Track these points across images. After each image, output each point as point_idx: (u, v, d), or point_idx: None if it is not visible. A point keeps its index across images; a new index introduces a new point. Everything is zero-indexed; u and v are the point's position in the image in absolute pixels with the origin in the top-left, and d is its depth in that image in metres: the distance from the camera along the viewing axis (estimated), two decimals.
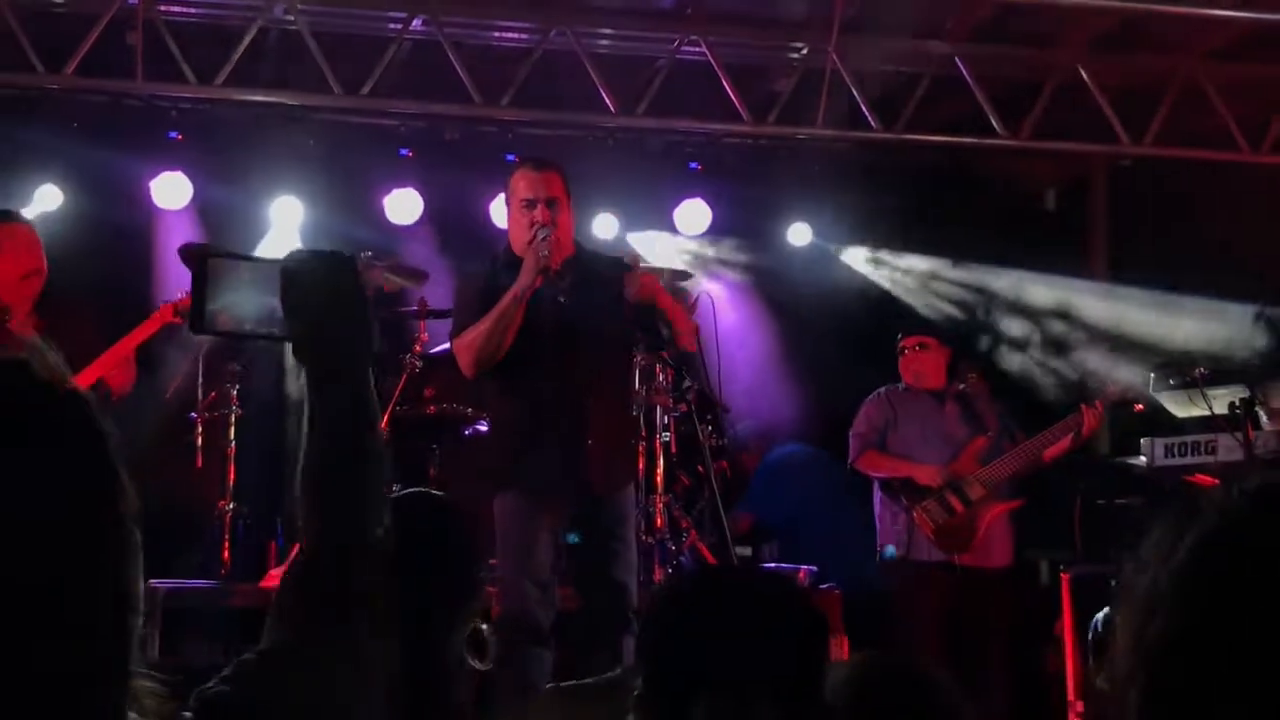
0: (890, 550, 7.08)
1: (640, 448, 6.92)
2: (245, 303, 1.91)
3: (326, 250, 1.86)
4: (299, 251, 1.86)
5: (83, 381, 6.42)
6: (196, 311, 1.91)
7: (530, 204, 5.67)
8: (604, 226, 9.35)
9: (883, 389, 7.54)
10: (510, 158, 9.19)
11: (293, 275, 1.80)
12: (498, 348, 5.56)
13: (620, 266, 6.04)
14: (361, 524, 1.70)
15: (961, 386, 7.38)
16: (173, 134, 8.78)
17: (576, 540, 5.91)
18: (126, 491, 1.38)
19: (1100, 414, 7.02)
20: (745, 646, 2.23)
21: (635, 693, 2.28)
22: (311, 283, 1.79)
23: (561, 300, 5.65)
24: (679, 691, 2.21)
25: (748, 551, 8.64)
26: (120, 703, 1.36)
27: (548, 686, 3.91)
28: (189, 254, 7.95)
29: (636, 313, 5.80)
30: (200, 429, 7.71)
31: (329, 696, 1.65)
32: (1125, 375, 7.11)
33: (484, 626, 3.16)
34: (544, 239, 5.54)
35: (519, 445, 5.68)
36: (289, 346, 1.83)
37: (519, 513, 5.63)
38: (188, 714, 1.54)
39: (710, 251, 9.80)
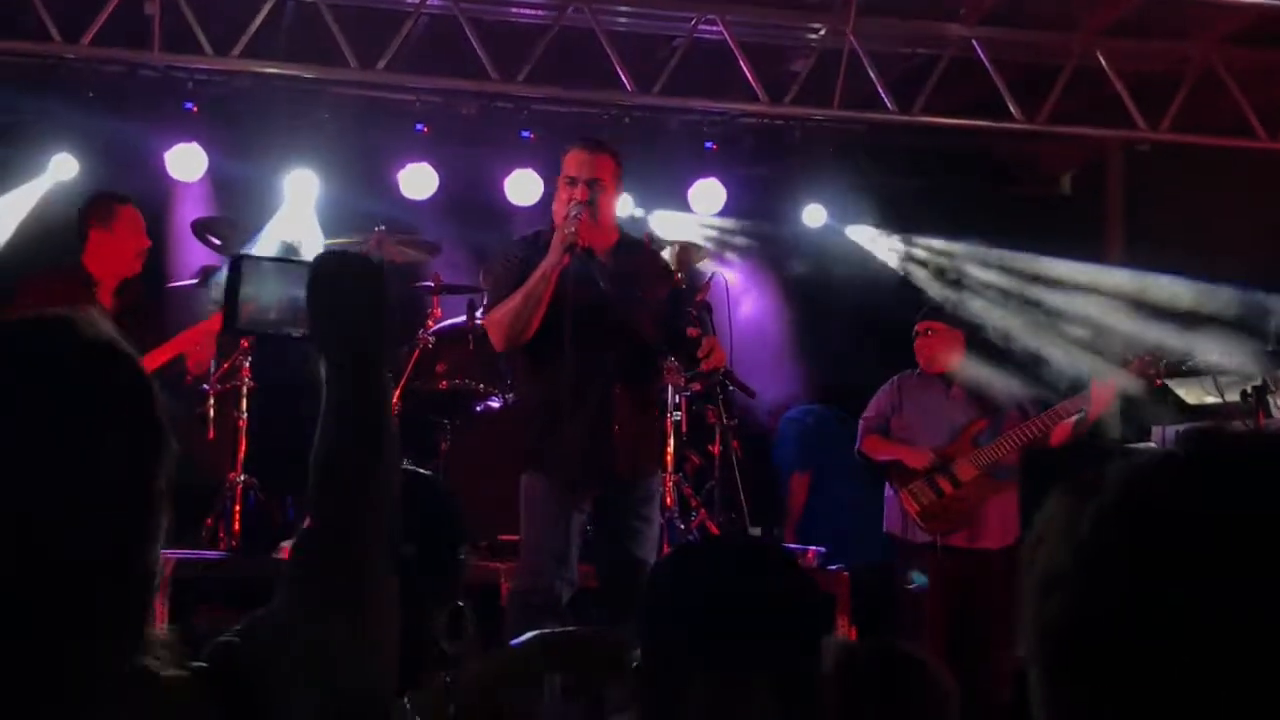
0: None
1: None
2: (275, 302, 2.01)
3: (352, 254, 1.94)
4: (326, 253, 1.95)
5: (161, 357, 6.65)
6: (230, 310, 2.02)
7: (573, 181, 5.68)
8: (619, 205, 9.32)
9: (896, 376, 7.55)
10: (525, 134, 9.22)
11: (318, 276, 1.88)
12: (526, 325, 5.55)
13: (661, 264, 6.12)
14: (370, 506, 1.77)
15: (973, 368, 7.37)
16: (188, 105, 8.79)
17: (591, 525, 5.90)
18: (168, 458, 1.49)
19: (1112, 392, 6.96)
20: (744, 619, 2.23)
21: (634, 664, 2.29)
22: (335, 284, 1.87)
23: (602, 286, 5.64)
24: (678, 663, 2.22)
25: (757, 532, 8.64)
26: (135, 649, 1.45)
27: (534, 633, 3.92)
28: (200, 226, 8.00)
29: (670, 313, 5.80)
30: (212, 400, 7.73)
31: (335, 655, 1.70)
32: (1143, 351, 7.05)
33: (461, 604, 3.17)
34: (575, 216, 5.54)
35: (546, 426, 5.68)
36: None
37: (543, 492, 5.64)
38: (200, 663, 1.58)
39: (725, 231, 9.79)
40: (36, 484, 1.39)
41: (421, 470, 3.82)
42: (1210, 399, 6.26)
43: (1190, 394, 6.40)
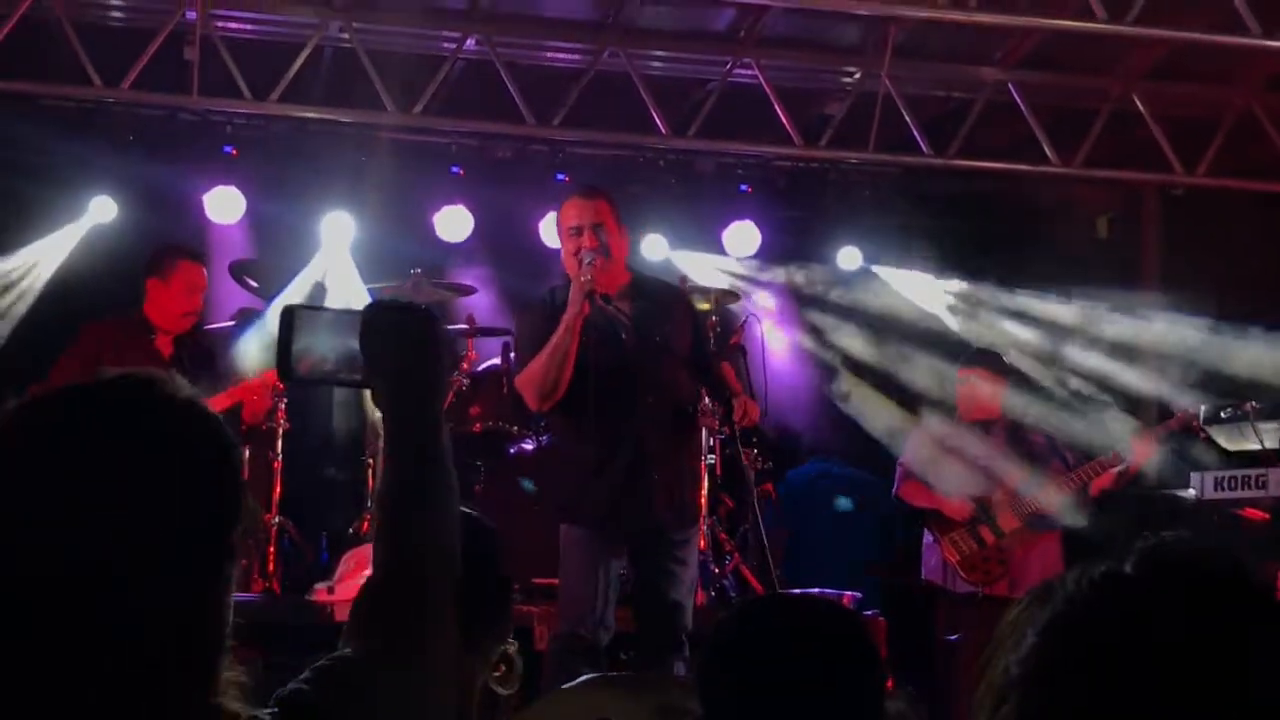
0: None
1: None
2: (328, 350, 2.03)
3: (405, 301, 1.98)
4: (378, 302, 1.98)
5: (217, 406, 6.68)
6: (283, 359, 2.04)
7: (576, 231, 5.65)
8: (653, 247, 9.35)
9: (930, 418, 7.51)
10: (560, 177, 9.24)
11: (371, 325, 1.92)
12: (557, 380, 5.52)
13: (675, 292, 6.09)
14: (431, 549, 1.82)
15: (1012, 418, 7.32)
16: (227, 148, 8.85)
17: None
18: (245, 513, 1.57)
19: (1153, 445, 6.93)
20: (808, 677, 2.23)
21: (696, 717, 2.28)
22: (389, 332, 1.91)
23: (624, 337, 5.62)
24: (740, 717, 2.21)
25: (784, 576, 8.59)
26: (212, 690, 1.52)
27: (590, 676, 3.91)
28: (238, 268, 8.05)
29: (696, 351, 5.78)
30: (247, 442, 7.76)
31: (404, 704, 1.75)
32: (1184, 403, 7.01)
33: (512, 645, 3.15)
34: (589, 263, 5.53)
35: (582, 479, 5.67)
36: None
37: (582, 538, 5.63)
38: (267, 713, 1.62)
39: (759, 274, 9.78)
40: (122, 536, 1.46)
41: (471, 511, 3.81)
42: (1250, 445, 6.20)
43: (1230, 440, 6.35)
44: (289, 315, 2.03)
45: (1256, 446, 6.15)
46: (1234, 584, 1.16)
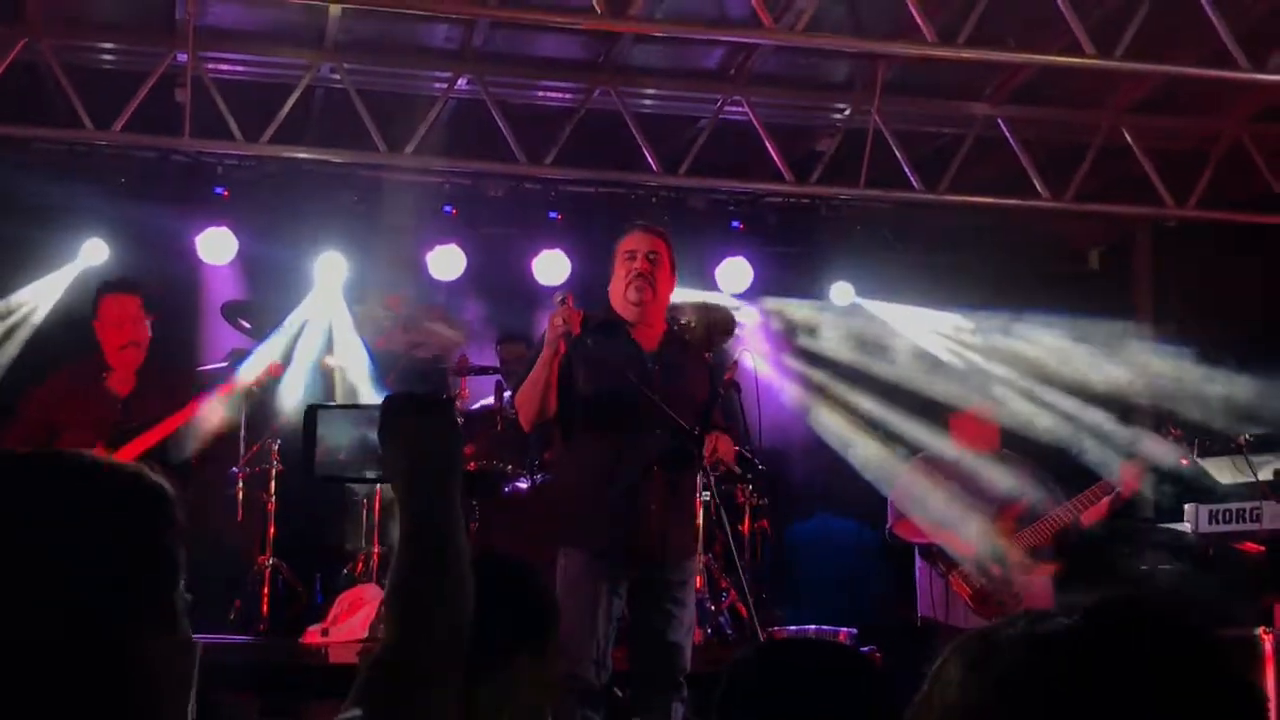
0: None
1: None
2: (347, 445, 2.12)
3: (420, 396, 2.01)
4: (394, 396, 2.02)
5: (145, 444, 6.61)
6: (308, 458, 2.13)
7: (632, 255, 5.75)
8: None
9: (922, 454, 7.50)
10: (553, 215, 9.27)
11: (388, 416, 1.97)
12: (541, 409, 5.60)
13: (702, 355, 6.19)
14: (441, 634, 1.85)
15: (1005, 452, 7.32)
16: (219, 190, 8.86)
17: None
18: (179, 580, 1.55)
19: (1141, 473, 6.92)
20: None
21: None
22: (404, 423, 1.95)
23: (649, 368, 5.67)
24: None
25: (781, 614, 8.56)
26: None
27: None
28: (230, 309, 8.05)
29: (706, 409, 5.83)
30: (241, 483, 7.75)
31: None
32: (1162, 442, 7.01)
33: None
34: (561, 301, 5.61)
35: (582, 509, 5.68)
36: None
37: (580, 573, 5.61)
38: None
39: (752, 310, 9.78)
40: (52, 607, 1.44)
41: (507, 555, 3.80)
42: (1243, 478, 6.21)
43: (1223, 473, 6.35)
44: (313, 414, 2.13)
45: (1250, 479, 6.15)
46: (1179, 641, 1.15)
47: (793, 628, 7.98)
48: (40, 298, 8.71)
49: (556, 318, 5.57)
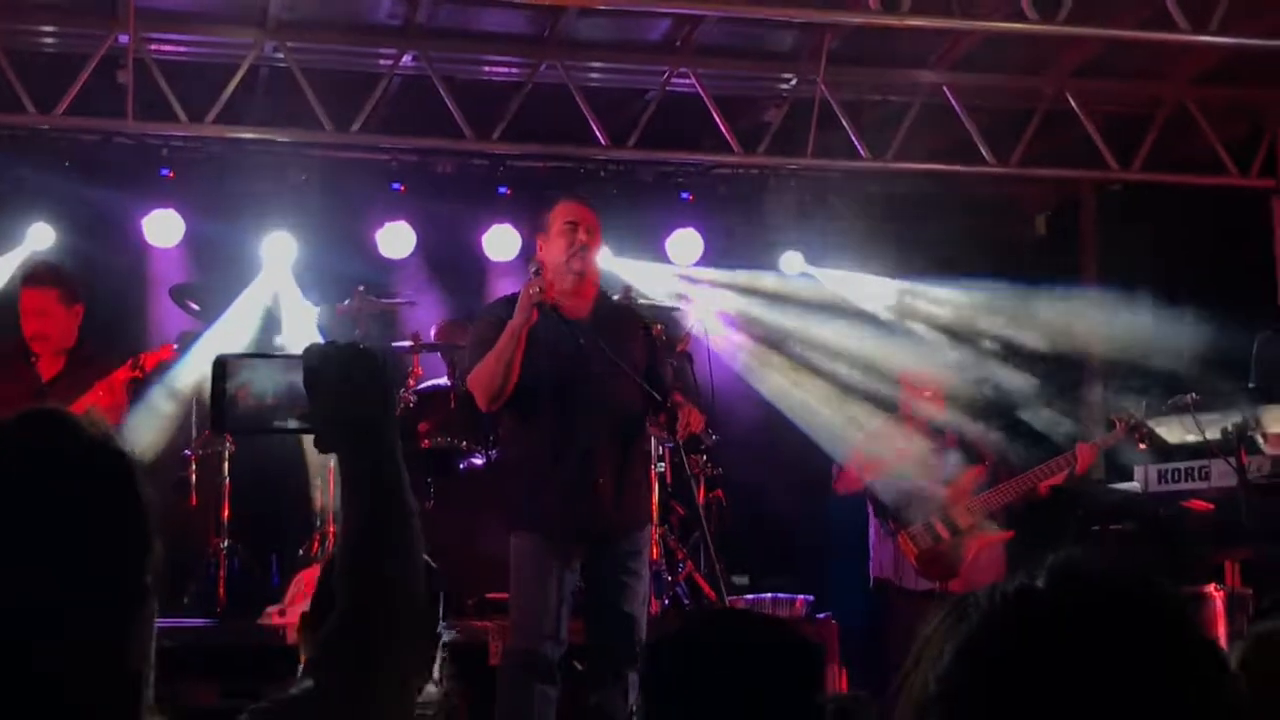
0: None
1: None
2: (266, 394, 1.97)
3: (347, 344, 1.94)
4: (318, 345, 1.94)
5: (77, 408, 6.59)
6: (216, 407, 1.96)
7: (574, 226, 5.75)
8: (597, 257, 9.34)
9: (880, 422, 7.55)
10: (502, 190, 9.25)
11: (314, 369, 1.88)
12: (504, 384, 5.57)
13: (637, 317, 6.18)
14: (396, 591, 1.80)
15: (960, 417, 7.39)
16: (164, 171, 8.80)
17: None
18: (154, 556, 1.52)
19: (1096, 453, 7.00)
20: (743, 689, 2.24)
21: None
22: (331, 375, 1.88)
23: (582, 342, 5.67)
24: None
25: (745, 579, 8.62)
26: None
27: None
28: (178, 292, 8.01)
29: (650, 373, 5.84)
30: (194, 465, 7.72)
31: None
32: (1127, 407, 7.09)
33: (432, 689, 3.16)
34: (536, 273, 5.62)
35: (533, 484, 5.68)
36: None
37: (533, 551, 5.63)
38: None
39: (703, 281, 9.80)
40: (27, 582, 1.42)
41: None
42: (1191, 437, 6.27)
43: (1171, 433, 6.42)
44: (220, 365, 1.96)
45: (1198, 438, 6.21)
46: (1145, 602, 1.18)
47: (750, 596, 8.05)
48: None
49: (532, 286, 5.57)
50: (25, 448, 1.49)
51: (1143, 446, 6.76)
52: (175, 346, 7.27)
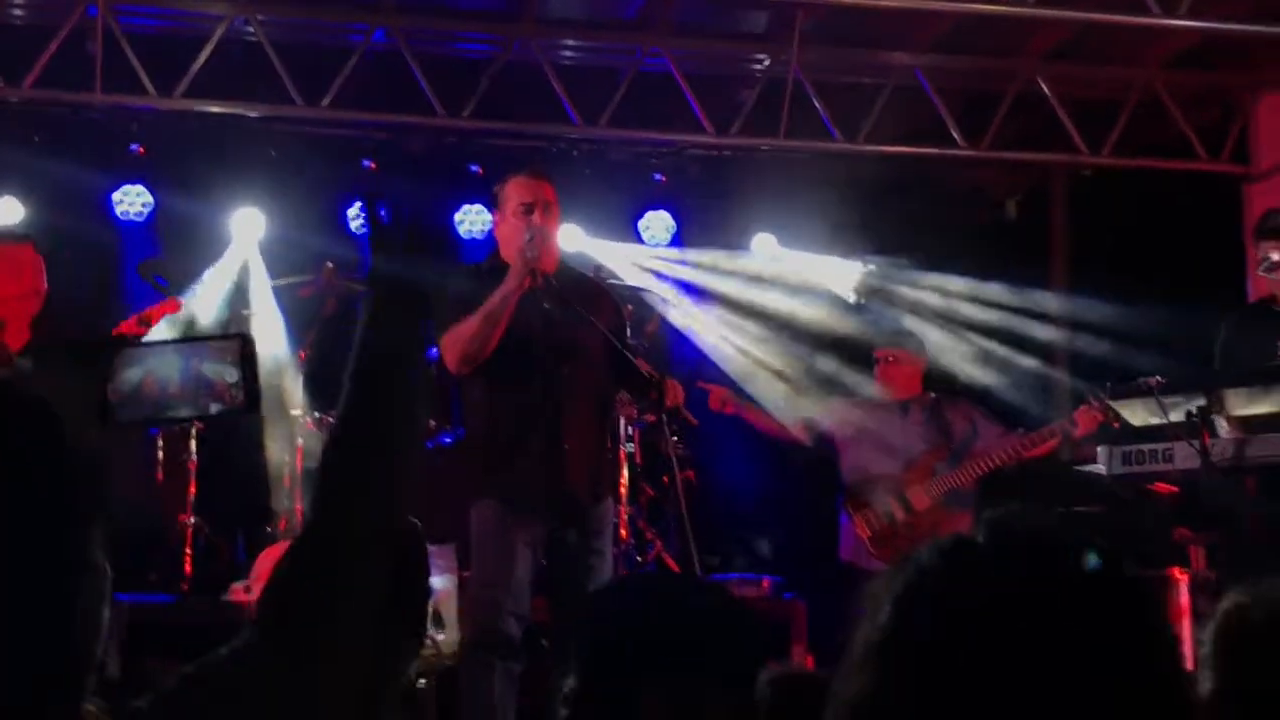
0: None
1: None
2: (164, 386, 1.88)
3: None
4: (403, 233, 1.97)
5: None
6: (101, 403, 1.87)
7: (529, 208, 5.65)
8: (569, 237, 9.32)
9: (852, 400, 7.54)
10: (474, 168, 9.22)
11: (387, 229, 1.93)
12: (483, 346, 5.49)
13: (600, 285, 6.16)
14: (371, 503, 1.73)
15: (933, 396, 7.39)
16: (134, 146, 8.76)
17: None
18: (101, 528, 1.46)
19: (1095, 421, 6.93)
20: (677, 651, 2.24)
21: (567, 690, 2.28)
22: (399, 246, 1.92)
23: (547, 307, 5.62)
24: (616, 692, 2.22)
25: (715, 561, 8.64)
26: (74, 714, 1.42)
27: None
28: (147, 267, 7.97)
29: (614, 342, 5.78)
30: (161, 443, 7.70)
31: (291, 704, 1.65)
32: (1094, 389, 7.09)
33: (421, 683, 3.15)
34: (532, 240, 5.54)
35: (497, 455, 5.64)
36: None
37: (495, 523, 5.57)
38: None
39: (675, 261, 9.80)
40: None
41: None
42: (1154, 420, 6.28)
43: (1135, 415, 6.42)
44: (110, 357, 1.89)
45: (1162, 421, 6.22)
46: (1078, 554, 1.18)
47: (716, 576, 8.06)
48: None
49: (530, 249, 5.51)
50: None
51: (1116, 425, 6.76)
52: (181, 301, 7.13)
